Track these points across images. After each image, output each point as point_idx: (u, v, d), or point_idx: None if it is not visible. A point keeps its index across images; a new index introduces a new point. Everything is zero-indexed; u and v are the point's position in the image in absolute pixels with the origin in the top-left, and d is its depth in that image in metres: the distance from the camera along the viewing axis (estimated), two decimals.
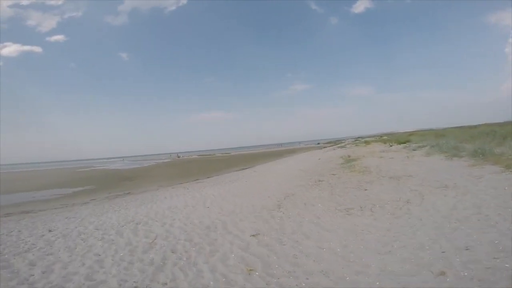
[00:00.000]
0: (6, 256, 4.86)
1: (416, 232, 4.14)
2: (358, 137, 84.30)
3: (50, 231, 6.56)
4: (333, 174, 11.25)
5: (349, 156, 17.93)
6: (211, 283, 3.35)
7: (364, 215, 5.40)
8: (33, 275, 3.93)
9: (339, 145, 49.52)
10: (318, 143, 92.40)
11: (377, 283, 2.93)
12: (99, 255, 4.65)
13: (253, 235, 4.91)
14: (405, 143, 21.35)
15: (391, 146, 21.70)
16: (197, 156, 71.93)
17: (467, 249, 3.26)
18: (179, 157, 74.32)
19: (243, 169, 25.34)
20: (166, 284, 3.43)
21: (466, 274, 2.77)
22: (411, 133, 34.25)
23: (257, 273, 3.47)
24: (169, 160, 60.90)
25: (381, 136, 48.99)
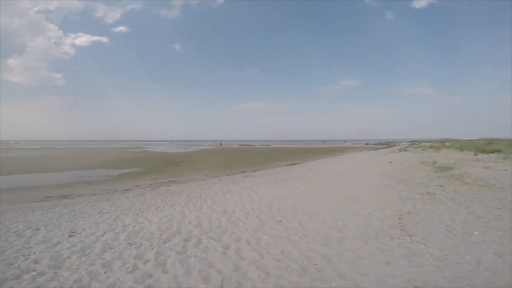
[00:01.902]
0: None
1: None
2: (412, 141, 75.54)
3: (71, 235, 4.83)
4: (441, 186, 8.09)
5: (434, 163, 14.37)
6: None
7: None
8: None
9: (395, 147, 44.41)
10: (367, 144, 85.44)
11: None
12: None
13: None
14: (492, 152, 17.32)
15: (476, 154, 17.52)
16: (238, 146, 71.23)
17: None
18: (221, 145, 74.82)
19: (292, 164, 22.74)
20: None
21: None
22: (489, 142, 28.11)
23: None
24: (212, 147, 61.02)
25: (442, 142, 42.20)
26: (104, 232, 4.95)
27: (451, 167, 12.18)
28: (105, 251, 4.05)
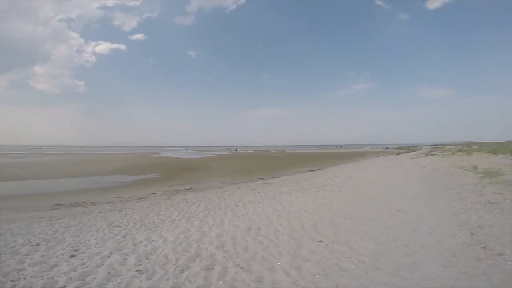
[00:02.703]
0: None
1: None
2: (435, 145, 71.90)
3: (72, 255, 4.09)
4: (499, 193, 6.86)
5: (475, 167, 12.87)
6: None
7: None
8: None
9: (418, 152, 42.08)
10: (387, 148, 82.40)
11: None
12: None
13: None
14: None
15: None
16: (252, 151, 70.51)
17: None
18: (236, 150, 74.41)
19: (311, 170, 21.58)
20: None
21: None
22: None
23: None
24: (227, 153, 60.62)
25: (469, 145, 39.47)
26: (111, 253, 4.18)
27: (498, 172, 10.71)
28: (109, 280, 3.25)
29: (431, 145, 69.18)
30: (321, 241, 4.39)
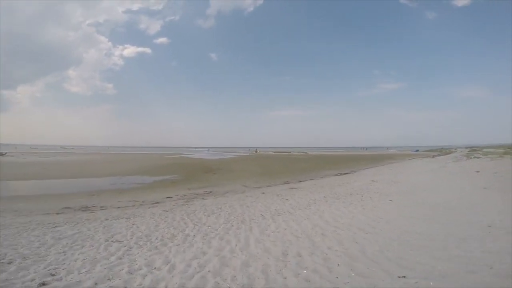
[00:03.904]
0: None
1: None
2: (471, 147, 65.71)
3: (43, 283, 2.96)
4: None
5: None
6: None
7: None
8: None
9: (455, 154, 38.58)
10: (417, 150, 76.94)
11: None
12: None
13: None
14: None
15: None
16: (273, 153, 68.86)
17: None
18: (256, 151, 73.11)
19: (341, 174, 19.66)
20: None
21: None
22: None
23: None
24: (248, 154, 59.58)
25: (510, 148, 34.90)
26: (95, 284, 2.98)
27: None
28: None
29: (466, 147, 63.45)
30: (404, 277, 2.89)
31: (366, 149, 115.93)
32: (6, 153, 40.67)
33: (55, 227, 5.58)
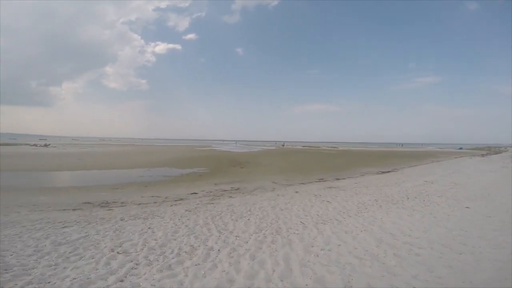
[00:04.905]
0: None
1: None
2: None
3: None
4: None
5: None
6: None
7: None
8: None
9: (507, 153, 34.21)
10: (461, 148, 69.57)
11: None
12: None
13: None
14: None
15: None
16: (301, 147, 66.53)
17: None
18: (283, 145, 71.29)
19: (382, 172, 17.54)
20: None
21: None
22: None
23: None
24: (275, 148, 58.17)
25: None
26: None
27: None
28: None
29: None
30: None
31: (402, 145, 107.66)
32: (50, 144, 43.95)
33: (63, 227, 4.87)
